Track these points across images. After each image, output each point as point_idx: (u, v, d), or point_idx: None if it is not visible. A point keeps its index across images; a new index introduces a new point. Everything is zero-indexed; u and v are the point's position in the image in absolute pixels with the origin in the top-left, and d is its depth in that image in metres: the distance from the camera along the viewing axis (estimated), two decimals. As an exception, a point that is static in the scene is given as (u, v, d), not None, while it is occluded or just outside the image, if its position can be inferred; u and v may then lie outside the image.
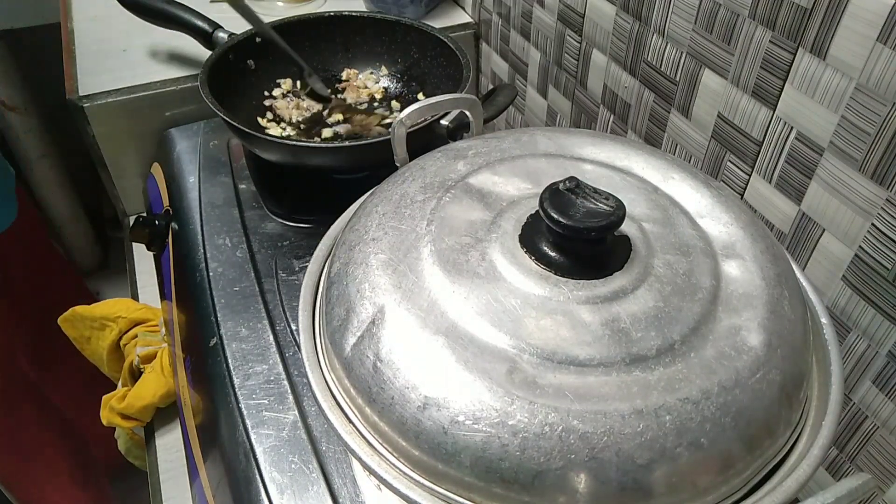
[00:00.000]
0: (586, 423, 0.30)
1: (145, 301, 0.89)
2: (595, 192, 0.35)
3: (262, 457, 0.51)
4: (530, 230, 0.37)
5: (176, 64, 0.93)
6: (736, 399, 0.31)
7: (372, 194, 0.43)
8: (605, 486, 0.30)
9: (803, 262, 0.54)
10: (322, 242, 0.44)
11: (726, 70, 0.57)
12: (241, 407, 0.55)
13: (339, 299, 0.37)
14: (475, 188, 0.40)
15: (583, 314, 0.33)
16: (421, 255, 0.36)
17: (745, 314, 0.34)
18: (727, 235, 0.38)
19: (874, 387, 0.50)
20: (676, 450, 0.30)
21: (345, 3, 1.04)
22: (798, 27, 0.49)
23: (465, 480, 0.31)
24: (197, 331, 0.64)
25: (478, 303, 0.34)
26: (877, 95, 0.44)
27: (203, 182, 0.78)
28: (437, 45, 0.82)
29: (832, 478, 0.57)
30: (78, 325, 0.83)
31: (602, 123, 0.78)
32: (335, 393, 0.36)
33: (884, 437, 0.51)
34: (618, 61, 0.71)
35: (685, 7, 0.59)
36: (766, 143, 0.55)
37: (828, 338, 0.38)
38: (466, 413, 0.30)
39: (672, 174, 0.42)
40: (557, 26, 0.80)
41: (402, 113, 0.46)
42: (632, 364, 0.31)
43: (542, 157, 0.43)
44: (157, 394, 0.76)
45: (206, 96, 0.70)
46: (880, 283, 0.47)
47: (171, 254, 0.78)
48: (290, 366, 0.58)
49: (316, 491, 0.49)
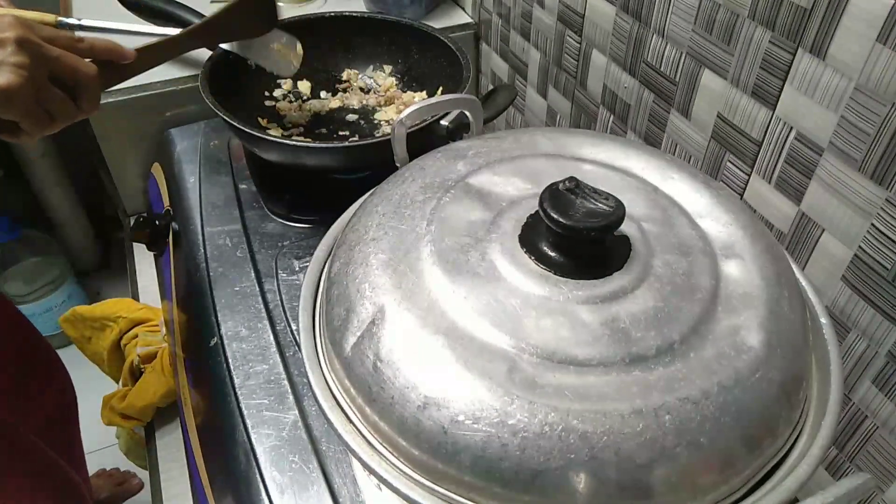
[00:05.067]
0: (586, 423, 0.30)
1: (145, 301, 0.89)
2: (595, 192, 0.35)
3: (263, 456, 0.51)
4: (530, 230, 0.37)
5: (176, 64, 0.93)
6: (735, 399, 0.31)
7: (372, 194, 0.43)
8: (605, 485, 0.30)
9: (803, 262, 0.54)
10: (322, 242, 0.44)
11: (726, 70, 0.57)
12: (241, 407, 0.55)
13: (339, 299, 0.37)
14: (475, 188, 0.40)
15: (582, 314, 0.33)
16: (421, 255, 0.36)
17: (744, 314, 0.34)
18: (727, 235, 0.38)
19: (874, 387, 0.50)
20: (676, 449, 0.30)
21: (345, 3, 1.04)
22: (798, 27, 0.49)
23: (465, 480, 0.31)
24: (197, 331, 0.64)
25: (478, 303, 0.34)
26: (876, 95, 0.44)
27: (203, 182, 0.78)
28: (437, 46, 0.82)
29: (832, 477, 0.57)
30: (78, 326, 0.84)
31: (602, 124, 0.78)
32: (335, 393, 0.36)
33: (883, 436, 0.51)
34: (618, 61, 0.71)
35: (685, 7, 0.59)
36: (765, 143, 0.55)
37: (827, 338, 0.38)
38: (466, 413, 0.30)
39: (672, 174, 0.42)
40: (557, 26, 0.80)
41: (403, 113, 0.46)
42: (631, 364, 0.31)
43: (542, 157, 0.43)
44: (158, 393, 0.76)
45: (206, 96, 0.70)
46: (880, 283, 0.47)
47: (172, 254, 0.78)
48: (291, 366, 0.58)
49: (316, 491, 0.49)
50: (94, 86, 0.52)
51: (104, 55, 0.54)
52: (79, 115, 0.52)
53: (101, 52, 0.54)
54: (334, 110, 0.83)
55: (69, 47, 0.50)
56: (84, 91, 0.51)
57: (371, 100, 0.85)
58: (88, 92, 0.51)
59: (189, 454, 0.65)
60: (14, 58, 0.45)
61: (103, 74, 0.53)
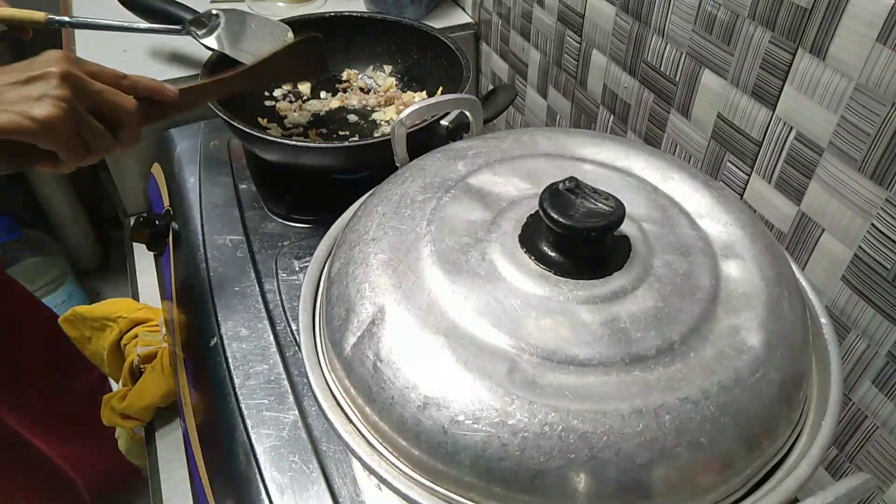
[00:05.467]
0: (586, 423, 0.30)
1: (145, 301, 0.89)
2: (595, 192, 0.35)
3: (263, 457, 0.51)
4: (530, 230, 0.37)
5: (176, 64, 0.93)
6: (735, 399, 0.31)
7: (372, 194, 0.43)
8: (605, 485, 0.30)
9: (803, 262, 0.54)
10: (322, 242, 0.44)
11: (726, 70, 0.57)
12: (241, 407, 0.55)
13: (339, 299, 0.37)
14: (475, 188, 0.40)
15: (582, 314, 0.33)
16: (421, 255, 0.36)
17: (744, 314, 0.34)
18: (727, 235, 0.38)
19: (874, 387, 0.50)
20: (676, 449, 0.30)
21: (345, 3, 1.04)
22: (798, 27, 0.49)
23: (464, 480, 0.31)
24: (197, 331, 0.64)
25: (478, 303, 0.34)
26: (876, 95, 0.44)
27: (203, 182, 0.78)
28: (437, 46, 0.82)
29: (832, 477, 0.57)
30: (78, 326, 0.83)
31: (602, 124, 0.78)
32: (335, 393, 0.36)
33: (883, 436, 0.51)
34: (618, 62, 0.71)
35: (685, 7, 0.59)
36: (765, 143, 0.55)
37: (827, 338, 0.38)
38: (466, 413, 0.30)
39: (672, 174, 0.42)
40: (557, 27, 0.80)
41: (403, 113, 0.46)
42: (631, 364, 0.31)
43: (542, 158, 0.43)
44: (158, 394, 0.76)
45: (206, 96, 0.70)
46: (880, 283, 0.47)
47: (172, 254, 0.78)
48: (291, 366, 0.58)
49: (316, 491, 0.49)
50: (134, 121, 0.53)
51: (146, 92, 0.55)
52: (116, 148, 0.53)
53: (143, 89, 0.54)
54: (334, 110, 0.83)
55: (113, 83, 0.52)
56: (123, 125, 0.52)
57: (371, 100, 0.85)
58: (127, 126, 0.52)
59: (189, 454, 0.65)
60: (57, 91, 0.47)
61: (144, 111, 0.54)
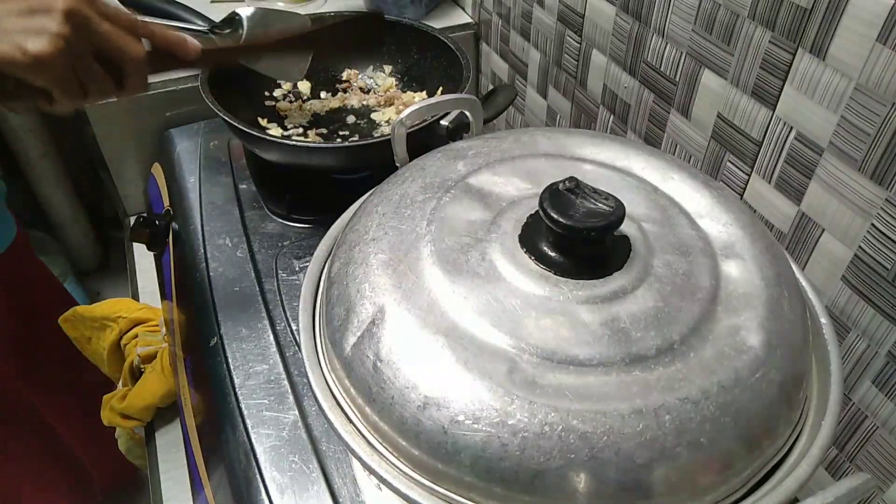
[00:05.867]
0: (586, 423, 0.30)
1: (145, 301, 0.89)
2: (594, 192, 0.35)
3: (263, 456, 0.51)
4: (530, 230, 0.37)
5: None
6: (735, 399, 0.31)
7: (372, 194, 0.43)
8: (605, 485, 0.30)
9: (803, 262, 0.54)
10: (322, 242, 0.44)
11: (726, 70, 0.57)
12: (241, 407, 0.55)
13: (339, 299, 0.37)
14: (475, 188, 0.40)
15: (582, 314, 0.33)
16: (421, 255, 0.36)
17: (744, 314, 0.34)
18: (727, 235, 0.38)
19: (874, 387, 0.50)
20: (676, 449, 0.30)
21: (345, 3, 1.04)
22: (798, 27, 0.49)
23: (465, 480, 0.31)
24: (197, 331, 0.64)
25: (478, 303, 0.34)
26: (876, 95, 0.44)
27: (203, 182, 0.78)
28: (437, 46, 0.82)
29: (832, 477, 0.57)
30: (78, 326, 0.83)
31: (602, 124, 0.78)
32: (335, 393, 0.36)
33: (883, 436, 0.51)
34: (618, 61, 0.71)
35: (685, 7, 0.59)
36: (765, 143, 0.55)
37: (827, 338, 0.38)
38: (466, 413, 0.30)
39: (672, 174, 0.42)
40: (557, 27, 0.80)
41: (403, 113, 0.46)
42: (631, 364, 0.31)
43: (542, 158, 0.43)
44: (158, 394, 0.76)
45: (206, 96, 0.70)
46: (880, 283, 0.47)
47: (172, 254, 0.78)
48: (291, 366, 0.58)
49: (316, 491, 0.49)
50: (140, 70, 0.50)
51: (163, 44, 0.52)
52: (119, 94, 0.51)
53: (161, 40, 0.52)
54: (334, 110, 0.83)
55: (128, 28, 0.49)
56: (128, 72, 0.50)
57: (371, 100, 0.85)
58: (133, 74, 0.50)
59: (189, 454, 0.65)
60: (57, 27, 0.44)
61: (154, 60, 0.51)
